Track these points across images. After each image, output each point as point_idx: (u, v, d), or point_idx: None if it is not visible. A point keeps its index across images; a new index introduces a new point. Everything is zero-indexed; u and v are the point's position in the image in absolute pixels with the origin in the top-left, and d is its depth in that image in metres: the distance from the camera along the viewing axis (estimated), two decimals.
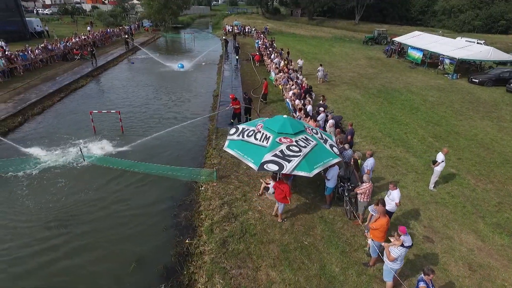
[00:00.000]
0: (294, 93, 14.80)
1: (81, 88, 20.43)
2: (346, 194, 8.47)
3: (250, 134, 8.27)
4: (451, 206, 9.24)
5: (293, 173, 7.30)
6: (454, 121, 15.69)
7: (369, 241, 7.47)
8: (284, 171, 7.27)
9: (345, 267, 7.00)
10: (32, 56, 22.08)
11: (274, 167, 7.31)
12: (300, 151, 7.59)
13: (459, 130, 14.60)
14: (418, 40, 29.69)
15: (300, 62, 21.86)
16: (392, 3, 61.93)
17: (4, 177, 10.42)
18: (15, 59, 20.50)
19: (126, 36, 34.95)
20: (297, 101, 13.99)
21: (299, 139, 7.88)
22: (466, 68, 25.44)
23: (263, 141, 7.89)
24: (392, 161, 11.65)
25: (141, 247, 7.94)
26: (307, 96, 14.45)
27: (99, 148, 12.54)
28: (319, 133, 8.73)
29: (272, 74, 21.45)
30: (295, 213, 8.68)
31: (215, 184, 10.12)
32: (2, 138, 12.70)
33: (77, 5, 71.17)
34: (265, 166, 7.33)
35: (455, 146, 12.96)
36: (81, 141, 13.02)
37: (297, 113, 13.32)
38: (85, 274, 7.18)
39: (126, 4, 60.58)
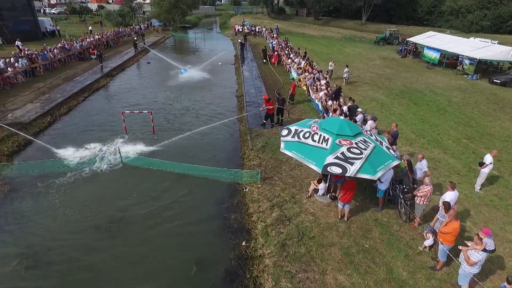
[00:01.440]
0: (325, 94, 14.69)
1: (102, 87, 20.34)
2: (401, 196, 8.38)
3: (306, 135, 8.17)
4: (502, 208, 9.16)
5: (357, 176, 7.21)
6: (484, 122, 15.61)
7: (426, 242, 7.43)
8: (348, 174, 7.18)
9: (412, 271, 6.91)
10: (51, 55, 21.95)
11: (338, 170, 7.22)
12: (361, 153, 7.50)
13: (491, 131, 14.52)
14: (433, 40, 29.61)
15: (332, 65, 21.56)
16: (399, 3, 61.81)
17: (40, 180, 10.25)
18: (35, 58, 20.37)
19: (135, 38, 32.88)
20: (330, 102, 13.89)
21: (359, 141, 7.79)
22: (484, 69, 25.35)
23: (322, 143, 7.80)
24: (433, 162, 11.54)
25: (197, 250, 7.85)
26: (339, 97, 14.33)
27: (133, 148, 12.44)
28: (373, 135, 8.65)
29: (294, 74, 21.34)
30: (348, 216, 8.58)
31: (259, 185, 10.03)
32: (34, 139, 12.62)
33: (82, 4, 70.94)
34: (328, 169, 7.24)
35: (491, 148, 12.80)
36: (114, 141, 12.93)
37: (331, 114, 13.23)
38: (147, 279, 7.08)
39: (134, 3, 60.34)
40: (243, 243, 8.00)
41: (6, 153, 11.54)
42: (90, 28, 39.34)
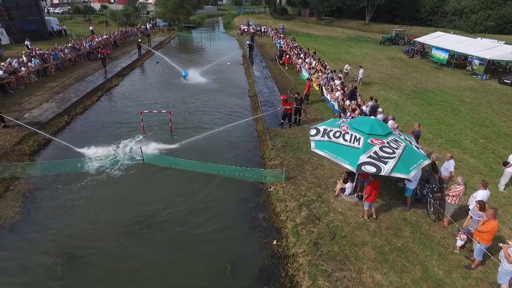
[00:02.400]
0: (342, 94, 14.72)
1: (114, 87, 20.33)
2: (431, 195, 8.40)
3: (337, 135, 8.19)
4: None
5: (391, 175, 7.24)
6: (499, 122, 15.66)
7: (458, 242, 7.45)
8: (382, 173, 7.21)
9: (448, 270, 6.94)
10: (62, 55, 21.94)
11: (372, 169, 7.25)
12: (393, 152, 7.53)
13: (507, 131, 14.56)
14: (441, 40, 29.66)
15: (347, 67, 21.42)
16: (401, 3, 61.92)
17: (63, 180, 10.24)
18: (48, 58, 20.36)
19: (139, 40, 31.08)
20: (347, 102, 13.91)
21: (390, 141, 7.82)
22: (493, 69, 25.39)
23: (353, 142, 7.83)
24: None
25: (229, 249, 7.87)
26: (357, 97, 14.36)
27: (152, 147, 12.43)
28: (401, 134, 8.68)
29: (305, 74, 21.37)
30: (377, 214, 8.60)
31: (284, 185, 10.04)
32: (55, 138, 12.63)
33: (85, 3, 70.86)
34: (362, 168, 7.27)
35: (509, 148, 12.90)
36: (132, 140, 12.94)
37: (349, 114, 13.26)
38: (183, 278, 7.10)
39: (137, 3, 60.33)
40: (274, 242, 8.02)
41: (27, 153, 11.54)
42: (91, 28, 38.81)
